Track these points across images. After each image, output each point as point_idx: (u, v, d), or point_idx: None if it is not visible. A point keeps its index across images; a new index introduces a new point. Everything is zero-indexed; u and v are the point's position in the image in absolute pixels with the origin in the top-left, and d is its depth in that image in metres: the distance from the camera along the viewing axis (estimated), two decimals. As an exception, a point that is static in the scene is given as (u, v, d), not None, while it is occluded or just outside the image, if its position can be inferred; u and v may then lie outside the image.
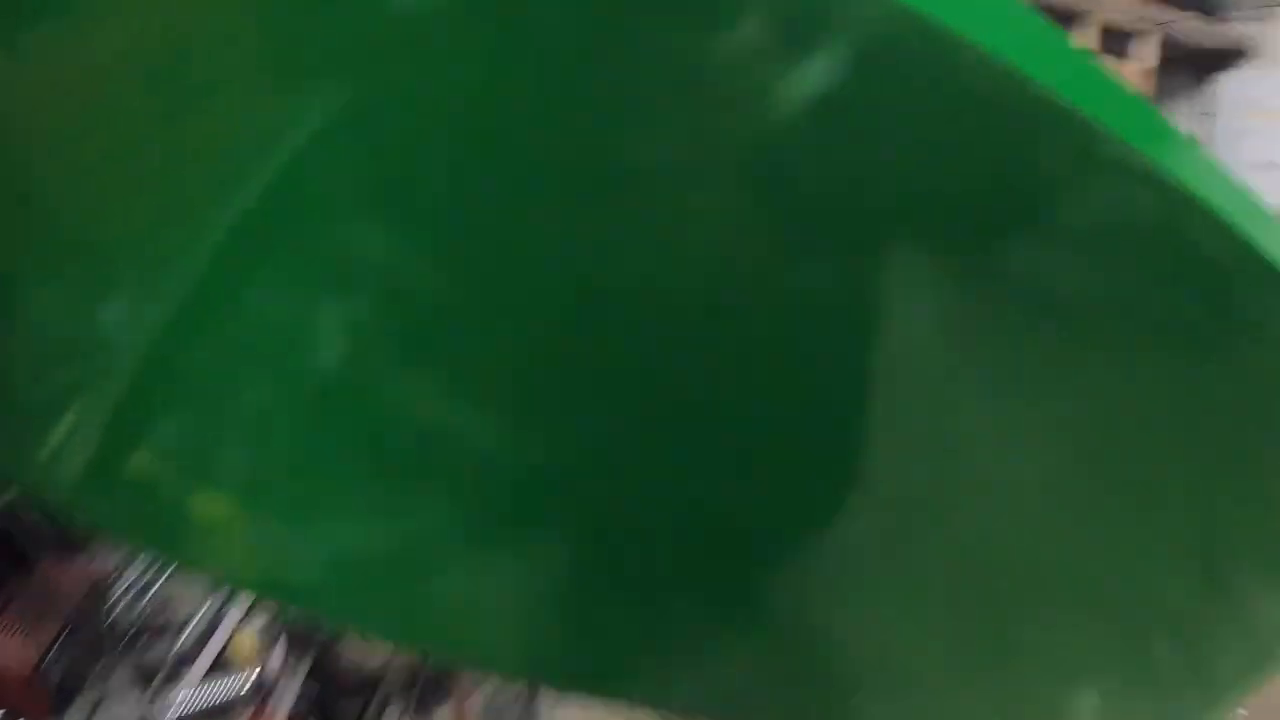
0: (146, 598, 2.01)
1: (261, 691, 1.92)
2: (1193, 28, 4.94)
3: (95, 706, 1.85)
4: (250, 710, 1.91)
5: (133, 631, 1.97)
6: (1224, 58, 5.63)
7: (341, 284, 0.59)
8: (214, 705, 1.89)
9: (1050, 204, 0.57)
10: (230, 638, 1.97)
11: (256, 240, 0.58)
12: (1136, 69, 4.41)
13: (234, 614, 2.01)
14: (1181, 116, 6.56)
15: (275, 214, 0.57)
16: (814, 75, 0.48)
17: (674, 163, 0.53)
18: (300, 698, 1.91)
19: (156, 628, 2.00)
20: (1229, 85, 5.62)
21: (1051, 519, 0.76)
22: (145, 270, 0.62)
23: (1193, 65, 5.30)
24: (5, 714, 1.70)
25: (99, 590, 1.95)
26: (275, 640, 1.97)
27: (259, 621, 1.99)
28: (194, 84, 0.54)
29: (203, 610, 2.00)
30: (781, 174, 0.53)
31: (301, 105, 0.53)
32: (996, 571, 0.80)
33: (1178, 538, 0.81)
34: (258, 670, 1.94)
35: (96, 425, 0.67)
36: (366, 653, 1.99)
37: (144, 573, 2.03)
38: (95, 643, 1.91)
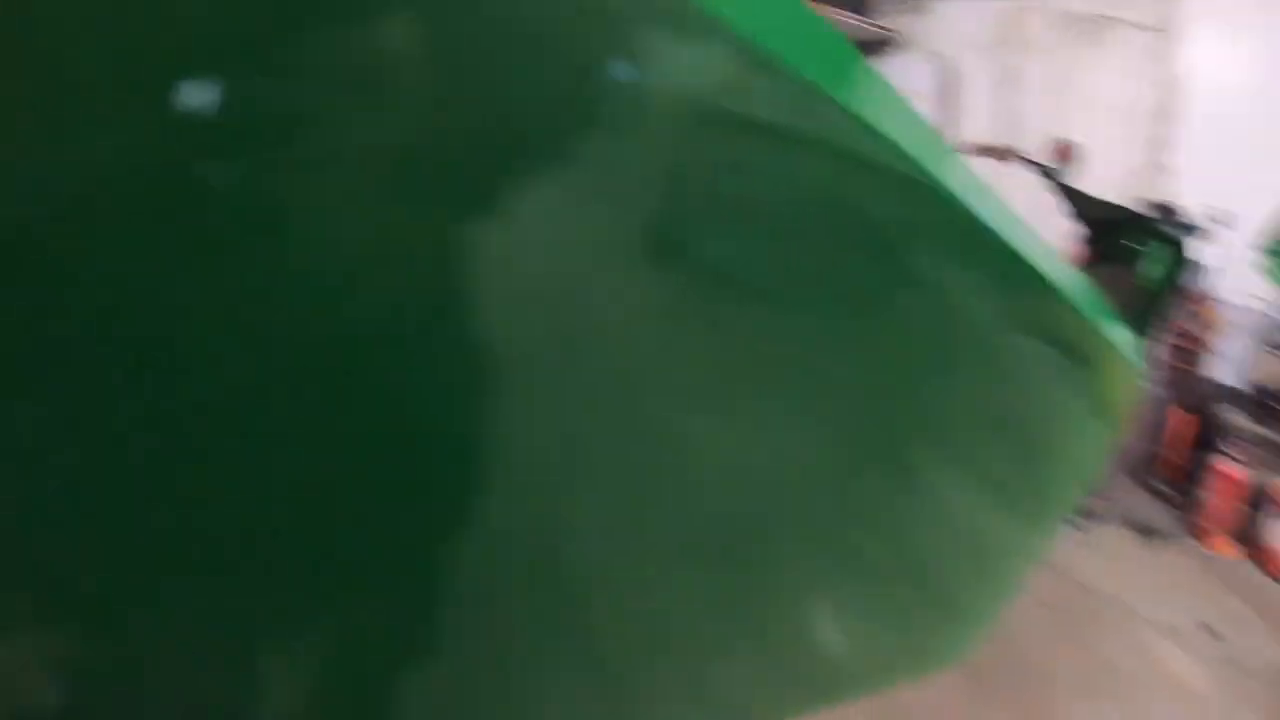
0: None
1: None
2: (844, 21, 5.58)
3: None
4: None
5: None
6: (874, 48, 6.23)
7: None
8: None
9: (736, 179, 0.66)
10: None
11: None
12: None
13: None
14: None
15: None
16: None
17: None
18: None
19: None
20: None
21: (769, 470, 0.91)
22: None
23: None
24: None
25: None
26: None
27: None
28: None
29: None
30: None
31: None
32: (734, 523, 0.92)
33: (877, 465, 1.01)
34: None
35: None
36: None
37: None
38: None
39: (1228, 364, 6.47)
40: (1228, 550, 5.44)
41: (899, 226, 0.85)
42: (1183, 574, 5.12)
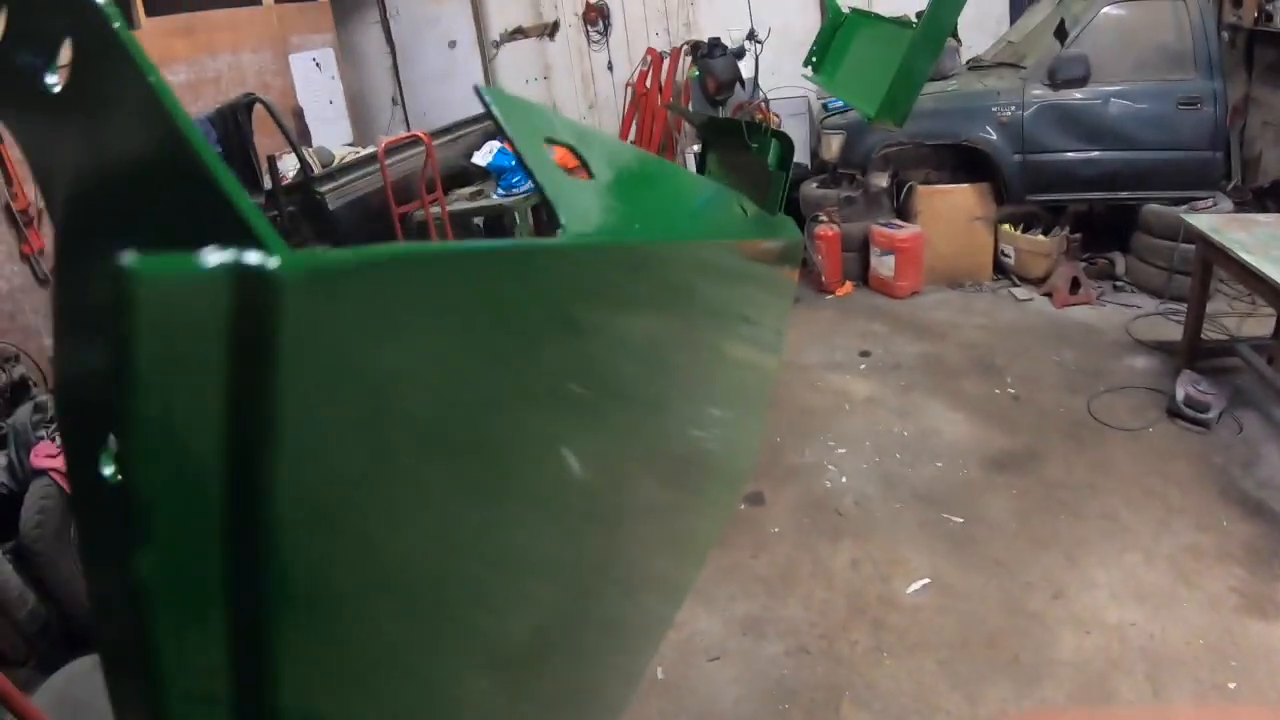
0: None
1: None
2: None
3: None
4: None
5: None
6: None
7: None
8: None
9: None
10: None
11: None
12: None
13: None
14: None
15: None
16: None
17: None
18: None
19: None
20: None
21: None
22: None
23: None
24: None
25: None
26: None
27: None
28: None
29: None
30: None
31: None
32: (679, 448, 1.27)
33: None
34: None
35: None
36: None
37: None
38: None
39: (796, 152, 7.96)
40: (847, 290, 6.97)
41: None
42: (825, 323, 6.55)
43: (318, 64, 9.47)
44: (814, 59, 4.93)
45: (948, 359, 5.71)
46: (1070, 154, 6.45)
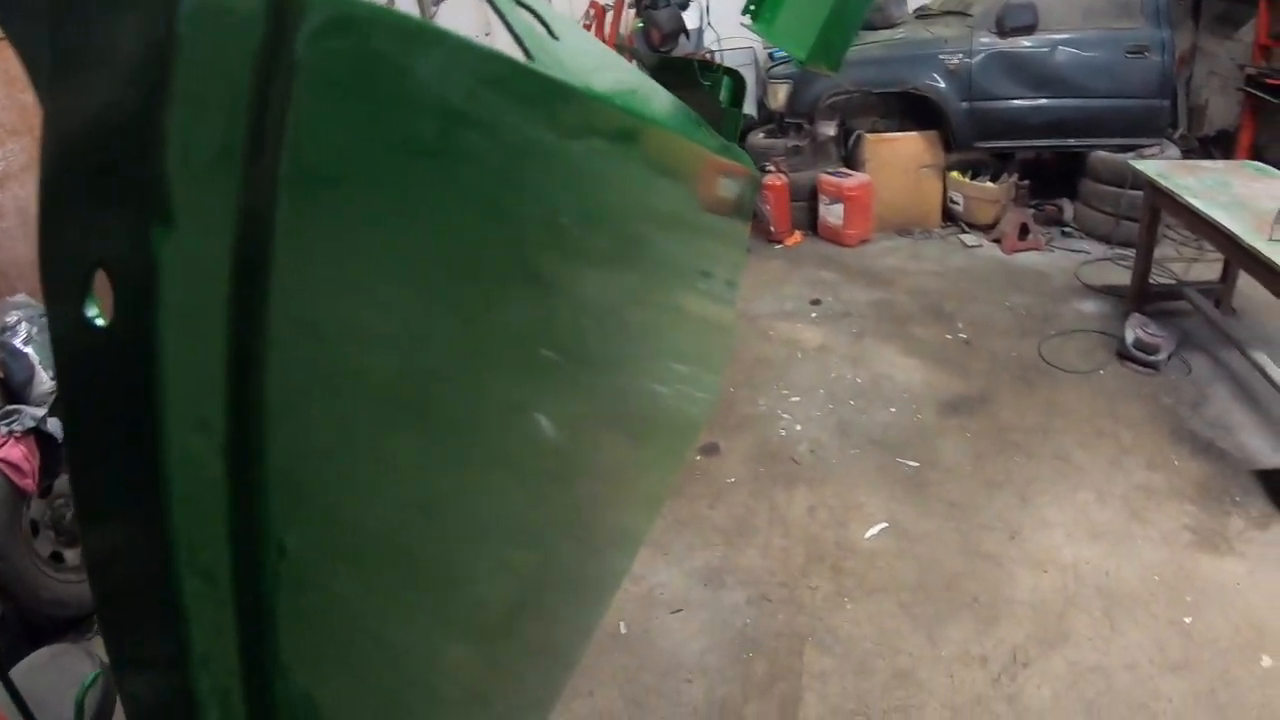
0: None
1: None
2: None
3: None
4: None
5: None
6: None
7: None
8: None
9: None
10: None
11: None
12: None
13: None
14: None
15: None
16: None
17: None
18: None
19: None
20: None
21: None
22: None
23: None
24: None
25: None
26: None
27: None
28: None
29: None
30: None
31: None
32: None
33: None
34: None
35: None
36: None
37: None
38: None
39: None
40: (796, 240, 6.93)
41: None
42: (775, 272, 6.50)
43: None
44: (752, 6, 4.85)
45: (898, 305, 5.70)
46: (1018, 101, 6.45)
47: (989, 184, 6.58)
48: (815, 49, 4.12)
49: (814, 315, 5.71)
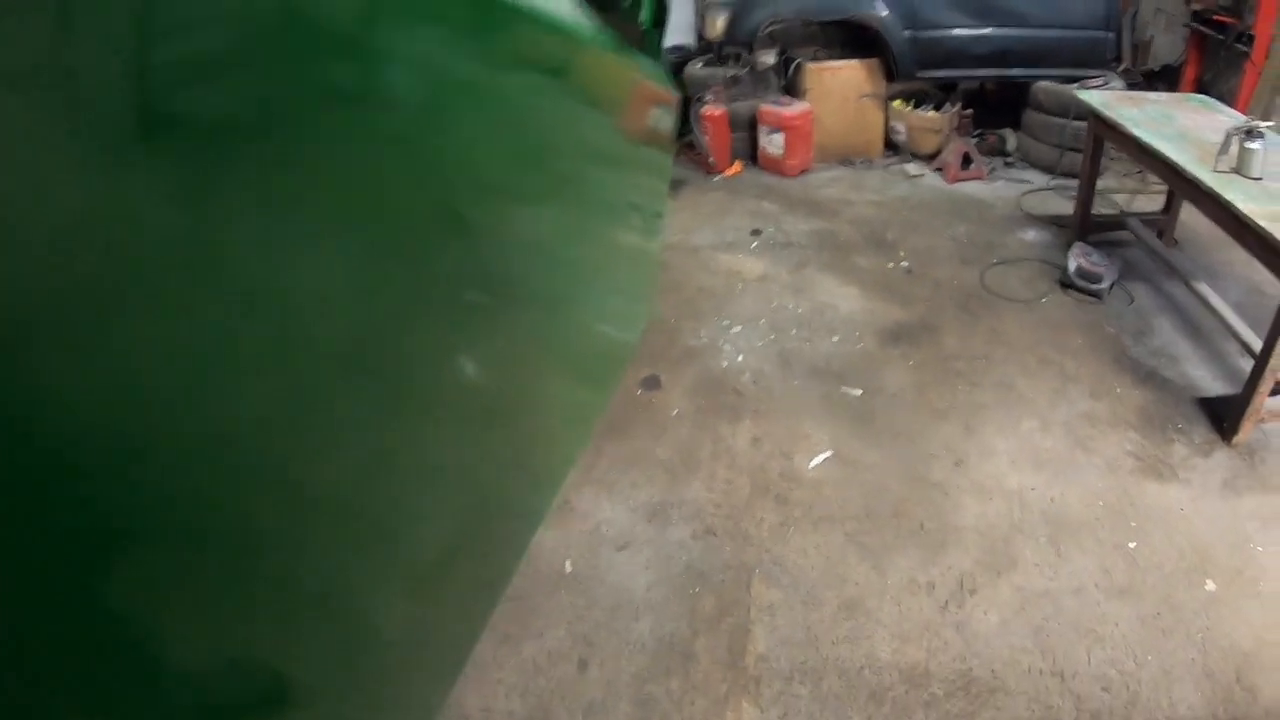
0: None
1: None
2: None
3: None
4: None
5: None
6: None
7: None
8: None
9: None
10: None
11: None
12: None
13: None
14: None
15: None
16: None
17: None
18: None
19: None
20: None
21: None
22: None
23: None
24: None
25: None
26: None
27: None
28: None
29: None
30: None
31: None
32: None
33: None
34: None
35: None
36: None
37: None
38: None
39: (680, 31, 7.67)
40: (736, 170, 6.79)
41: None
42: (715, 204, 6.36)
43: None
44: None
45: (840, 235, 5.61)
46: (961, 30, 6.35)
47: (931, 113, 6.50)
48: None
49: (755, 246, 5.60)
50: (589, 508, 3.55)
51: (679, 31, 7.79)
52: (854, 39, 6.60)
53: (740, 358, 4.39)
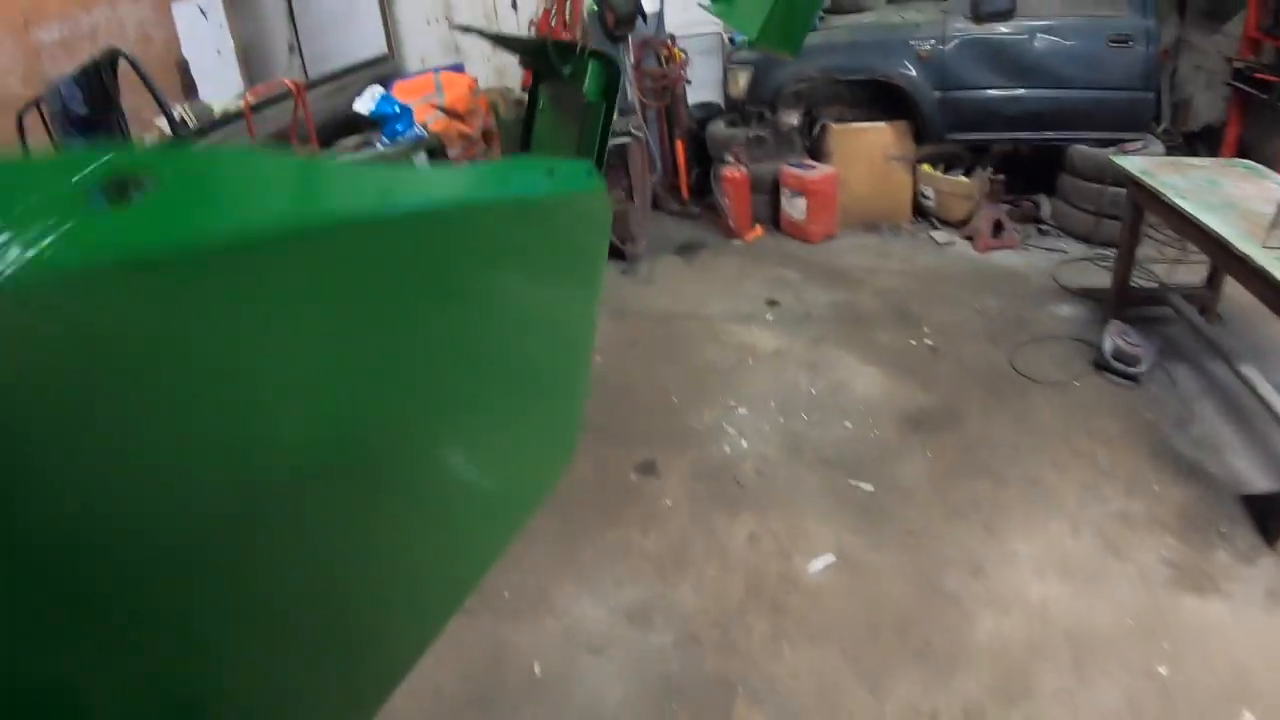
0: None
1: None
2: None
3: None
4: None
5: None
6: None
7: None
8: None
9: None
10: None
11: None
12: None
13: None
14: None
15: None
16: None
17: None
18: None
19: None
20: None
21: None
22: None
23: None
24: None
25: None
26: None
27: None
28: None
29: None
30: None
31: None
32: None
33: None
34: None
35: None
36: None
37: None
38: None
39: (706, 88, 7.48)
40: (757, 235, 6.52)
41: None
42: (732, 270, 6.09)
43: (203, 12, 8.96)
44: (711, -15, 4.48)
45: (862, 307, 5.31)
46: (994, 91, 6.07)
47: (962, 178, 6.19)
48: (767, 28, 3.73)
49: (770, 318, 5.31)
50: (567, 603, 3.31)
51: (707, 87, 7.60)
52: (882, 99, 6.33)
53: (744, 443, 4.09)
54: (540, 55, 1.86)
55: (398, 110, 6.11)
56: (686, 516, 3.67)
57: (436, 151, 6.36)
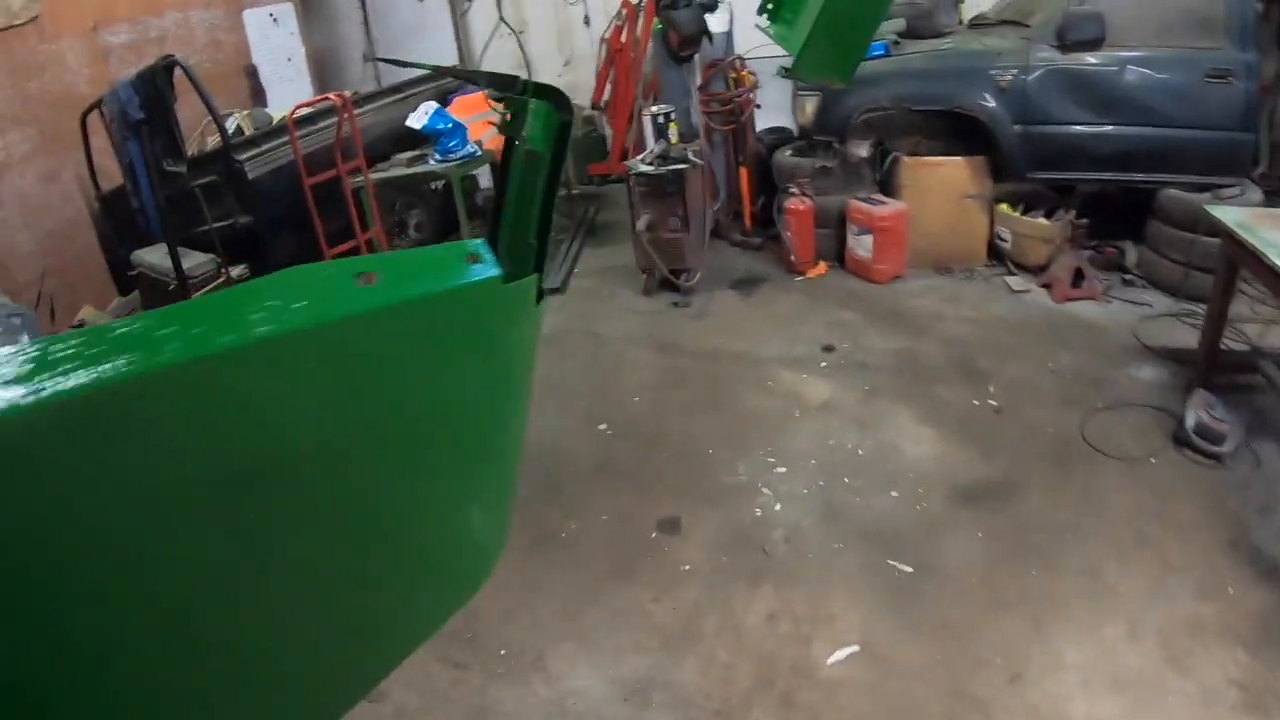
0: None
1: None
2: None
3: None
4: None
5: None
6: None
7: None
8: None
9: None
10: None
11: None
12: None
13: None
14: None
15: None
16: None
17: None
18: None
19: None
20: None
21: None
22: None
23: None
24: None
25: None
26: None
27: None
28: None
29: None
30: None
31: None
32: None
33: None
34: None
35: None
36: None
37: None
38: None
39: (779, 112, 7.16)
40: (819, 272, 6.18)
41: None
42: (790, 309, 5.77)
43: (275, 19, 9.01)
44: (769, 5, 4.17)
45: (924, 358, 4.94)
46: (1079, 127, 5.64)
47: (1042, 220, 5.75)
48: (808, 53, 3.44)
49: (824, 364, 4.98)
50: (562, 668, 3.10)
51: (780, 112, 7.28)
52: (958, 132, 5.94)
53: (777, 507, 3.79)
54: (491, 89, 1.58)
55: (450, 126, 5.93)
56: (704, 584, 3.39)
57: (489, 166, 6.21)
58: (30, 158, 6.84)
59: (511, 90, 1.51)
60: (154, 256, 5.72)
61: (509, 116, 1.49)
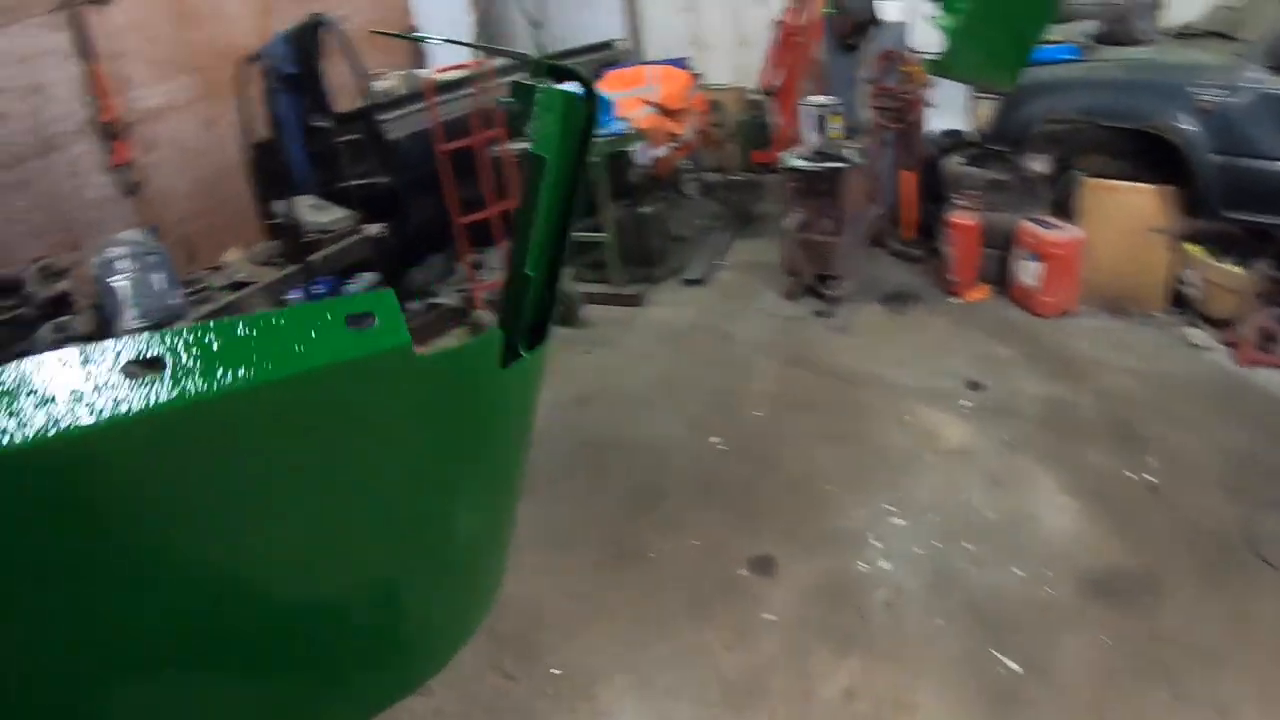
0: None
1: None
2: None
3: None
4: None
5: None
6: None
7: None
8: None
9: None
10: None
11: None
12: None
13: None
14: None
15: None
16: None
17: None
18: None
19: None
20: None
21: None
22: None
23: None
24: None
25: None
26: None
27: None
28: None
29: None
30: None
31: None
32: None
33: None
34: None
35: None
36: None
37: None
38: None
39: (947, 116, 6.61)
40: (979, 296, 5.69)
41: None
42: (940, 334, 5.34)
43: None
44: (942, -8, 3.78)
45: (1078, 411, 4.45)
46: (1289, 164, 4.95)
47: (1234, 268, 5.11)
48: (956, 49, 3.17)
49: (967, 404, 4.56)
50: (611, 703, 2.97)
51: (956, 113, 6.74)
52: (1150, 155, 5.32)
53: (885, 564, 3.47)
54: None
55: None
56: (784, 640, 3.14)
57: (639, 145, 5.94)
58: (191, 103, 7.26)
59: (523, 92, 1.25)
60: (295, 207, 5.74)
61: (516, 108, 1.24)
